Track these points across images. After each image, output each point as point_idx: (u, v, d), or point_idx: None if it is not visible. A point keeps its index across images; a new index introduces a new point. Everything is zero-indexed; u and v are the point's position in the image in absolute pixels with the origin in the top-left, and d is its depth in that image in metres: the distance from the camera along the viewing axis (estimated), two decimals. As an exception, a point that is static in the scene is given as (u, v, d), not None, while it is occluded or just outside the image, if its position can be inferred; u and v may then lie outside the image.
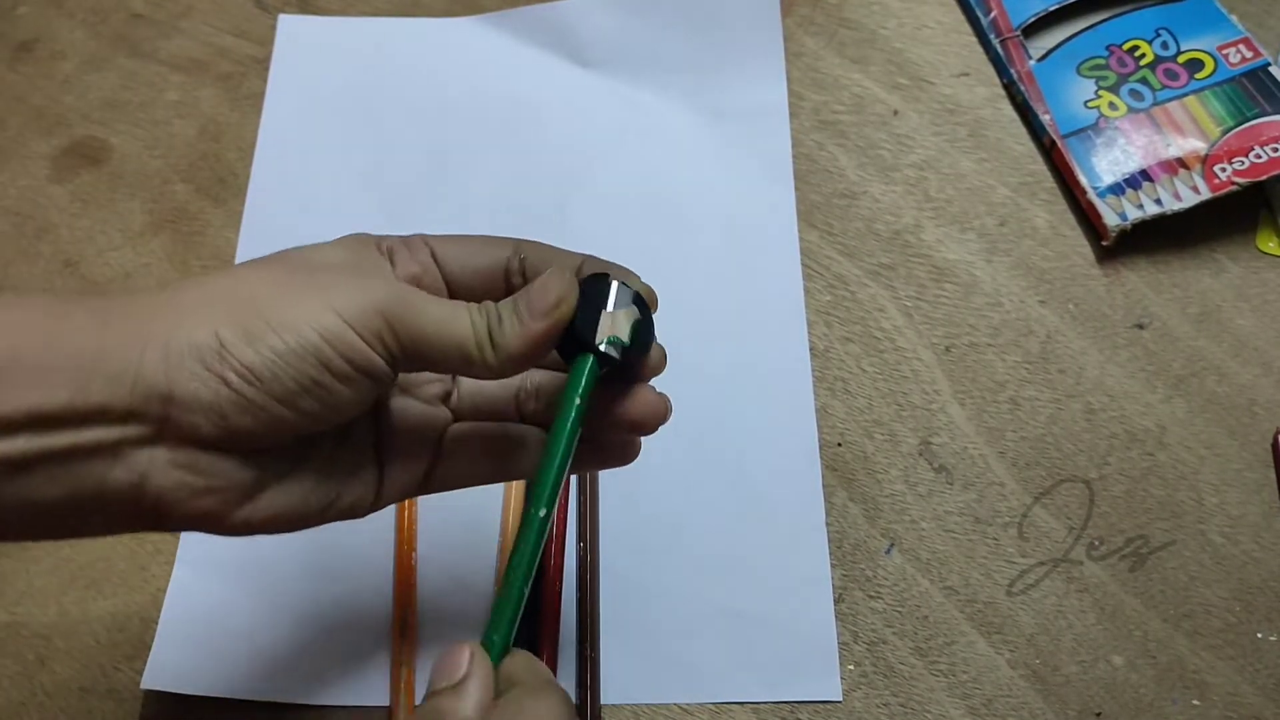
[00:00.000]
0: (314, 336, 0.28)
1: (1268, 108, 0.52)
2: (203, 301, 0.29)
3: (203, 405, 0.28)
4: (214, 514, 0.29)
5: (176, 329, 0.28)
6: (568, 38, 0.58)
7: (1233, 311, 0.51)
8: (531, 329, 0.30)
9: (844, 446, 0.48)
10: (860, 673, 0.44)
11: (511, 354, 0.30)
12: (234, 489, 0.29)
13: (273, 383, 0.28)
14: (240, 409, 0.28)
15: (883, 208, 0.54)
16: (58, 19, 0.60)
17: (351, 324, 0.29)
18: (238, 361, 0.28)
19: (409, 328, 0.29)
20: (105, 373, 0.27)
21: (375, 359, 0.29)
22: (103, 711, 0.43)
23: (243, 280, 0.30)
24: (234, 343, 0.28)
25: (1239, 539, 0.46)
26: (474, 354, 0.30)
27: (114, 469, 0.28)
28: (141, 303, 0.29)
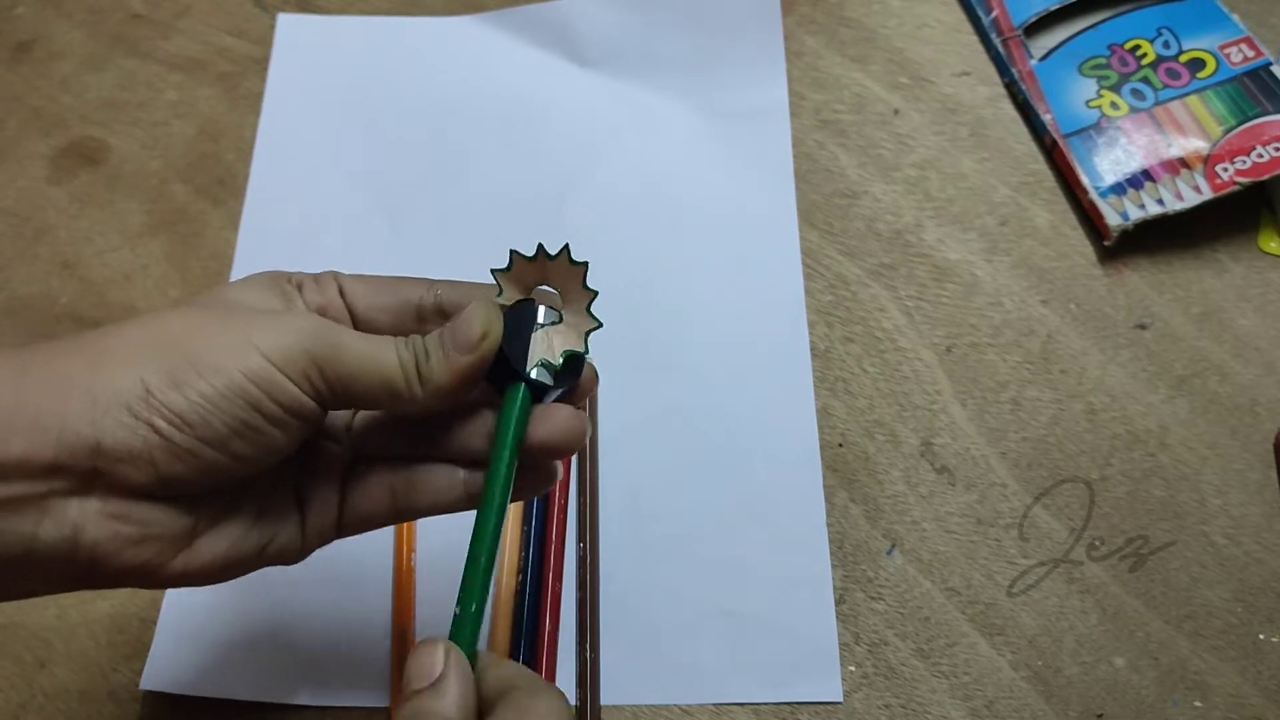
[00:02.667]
0: (240, 379, 0.28)
1: (1269, 107, 0.52)
2: (125, 347, 0.28)
3: (133, 454, 0.27)
4: (150, 565, 0.29)
5: (99, 376, 0.27)
6: (567, 36, 0.58)
7: (1235, 312, 0.50)
8: (459, 362, 0.30)
9: (845, 447, 0.48)
10: (861, 674, 0.44)
11: (440, 387, 0.30)
12: (169, 537, 0.29)
13: (203, 427, 0.28)
14: (171, 456, 0.27)
15: (884, 207, 0.54)
16: (56, 19, 0.60)
17: (277, 365, 0.28)
18: (165, 408, 0.27)
19: (335, 366, 0.29)
20: (26, 426, 0.26)
21: (304, 400, 0.29)
22: (102, 713, 0.43)
23: (164, 323, 0.29)
24: (160, 388, 0.27)
25: (1241, 540, 0.46)
26: (402, 389, 0.30)
27: (42, 524, 0.27)
28: (61, 350, 0.28)
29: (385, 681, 0.43)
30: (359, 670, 0.44)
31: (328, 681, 0.43)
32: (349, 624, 0.45)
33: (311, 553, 0.33)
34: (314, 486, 0.33)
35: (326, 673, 0.44)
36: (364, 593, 0.45)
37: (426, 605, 0.45)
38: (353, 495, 0.33)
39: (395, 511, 0.33)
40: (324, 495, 0.33)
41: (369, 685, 0.43)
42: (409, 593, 0.45)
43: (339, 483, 0.33)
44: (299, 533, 0.32)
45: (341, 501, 0.33)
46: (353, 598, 0.45)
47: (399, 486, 0.33)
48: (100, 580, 0.29)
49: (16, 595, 0.29)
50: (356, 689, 0.43)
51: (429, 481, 0.33)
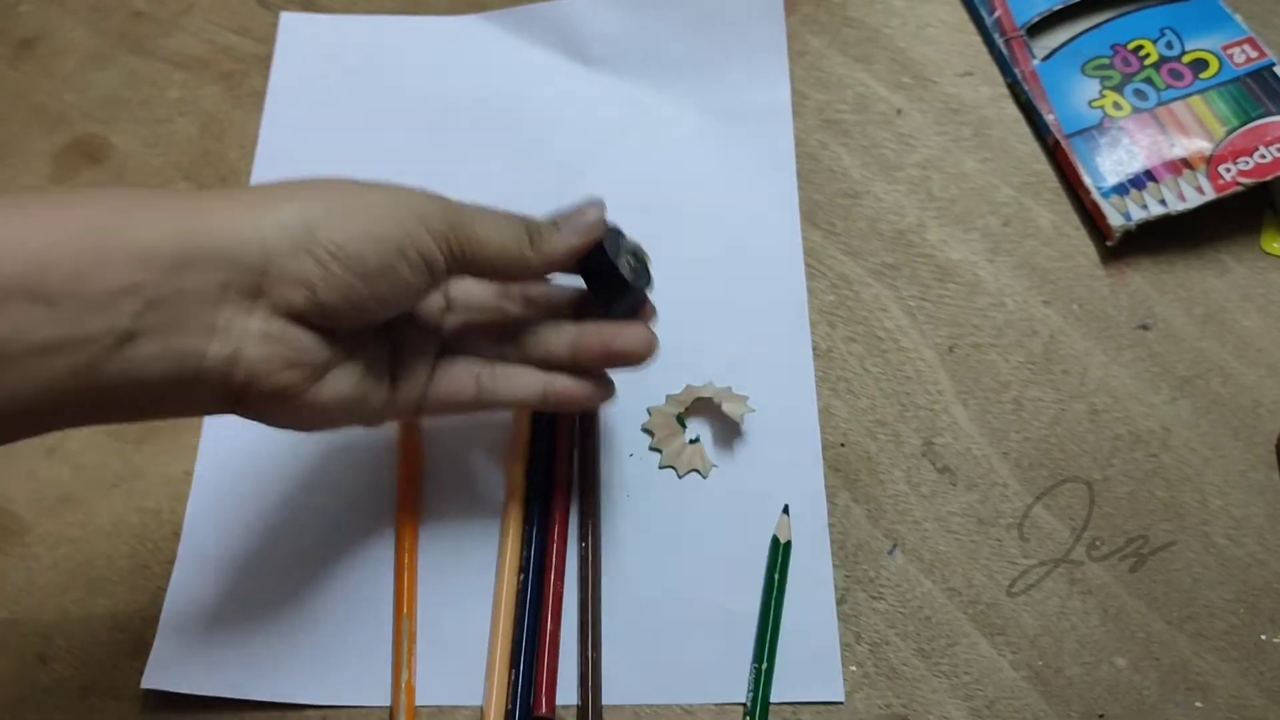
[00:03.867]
0: (392, 226, 0.32)
1: (1272, 108, 0.52)
2: (295, 191, 0.32)
3: (294, 278, 0.31)
4: (293, 389, 0.32)
5: (270, 210, 0.31)
6: (571, 36, 0.58)
7: (1237, 312, 0.50)
8: (571, 241, 0.38)
9: (847, 447, 0.48)
10: (862, 674, 0.44)
11: (554, 256, 0.37)
12: (314, 365, 0.33)
13: (358, 261, 0.32)
14: (327, 284, 0.31)
15: (886, 207, 0.54)
16: (59, 16, 0.60)
17: (425, 222, 0.33)
18: (328, 239, 0.31)
19: (466, 231, 0.35)
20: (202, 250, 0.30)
21: (437, 256, 0.34)
22: (103, 710, 0.43)
23: (327, 180, 0.33)
24: (324, 224, 0.31)
25: (1243, 540, 0.46)
26: (527, 254, 0.37)
27: (212, 345, 0.30)
28: (231, 192, 0.32)
29: (386, 680, 0.43)
30: (360, 669, 0.44)
31: (328, 680, 0.43)
32: (350, 623, 0.45)
33: (389, 420, 0.38)
34: (407, 360, 0.38)
35: (327, 671, 0.44)
36: (366, 592, 0.45)
37: (427, 605, 0.45)
38: (441, 376, 0.39)
39: (478, 398, 0.39)
40: (415, 370, 0.38)
41: (369, 684, 0.43)
42: (410, 591, 0.45)
43: (429, 364, 0.39)
44: (389, 397, 0.37)
45: (428, 381, 0.38)
46: (353, 597, 0.45)
47: (485, 377, 0.39)
48: (246, 402, 0.32)
49: (173, 414, 0.33)
50: (357, 688, 0.43)
51: (513, 376, 0.39)
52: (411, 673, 0.43)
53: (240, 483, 0.47)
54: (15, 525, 0.47)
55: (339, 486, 0.47)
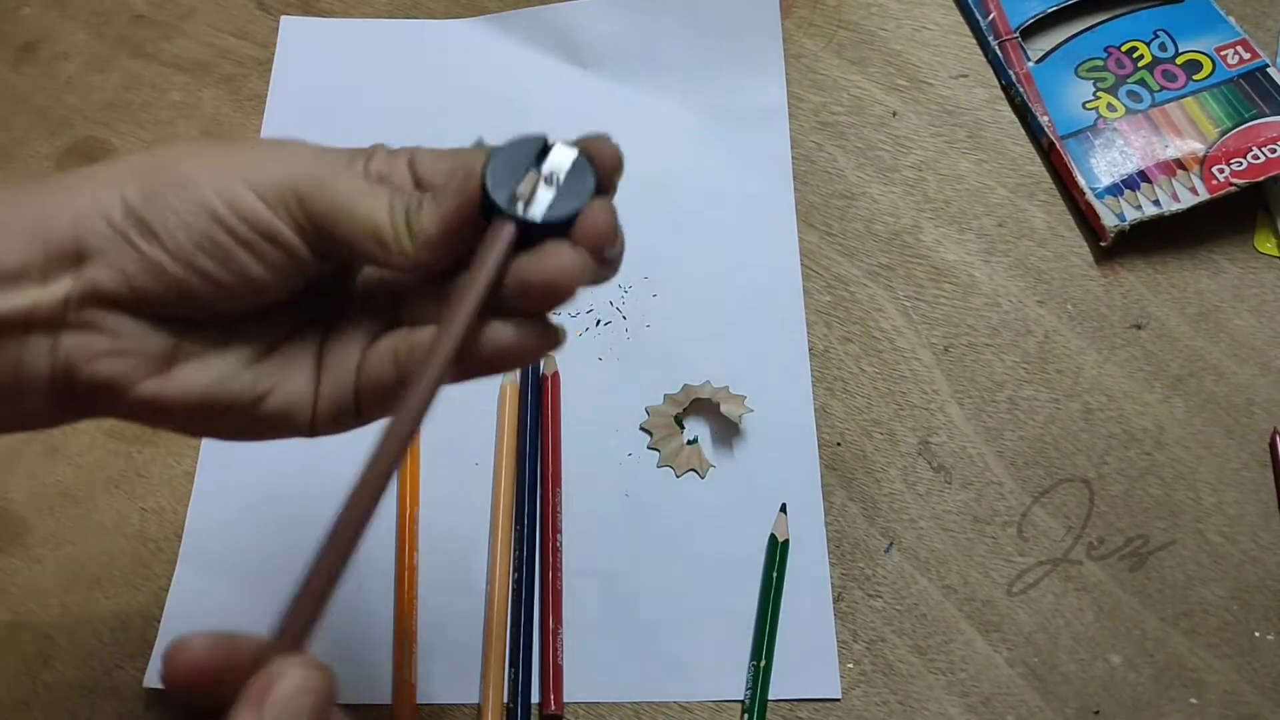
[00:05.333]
0: (211, 197, 0.28)
1: (1265, 109, 0.53)
2: (116, 167, 0.29)
3: (106, 262, 0.28)
4: (120, 380, 0.28)
5: (87, 191, 0.28)
6: (568, 39, 0.58)
7: (1230, 312, 0.51)
8: (443, 207, 0.28)
9: (843, 446, 0.48)
10: (859, 671, 0.44)
11: (428, 239, 0.28)
12: (143, 354, 0.29)
13: (168, 239, 0.28)
14: (141, 267, 0.28)
15: (882, 208, 0.54)
16: (61, 20, 0.61)
17: (256, 189, 0.28)
18: (137, 218, 0.28)
19: (319, 199, 0.28)
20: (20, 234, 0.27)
21: (278, 226, 0.28)
22: (105, 710, 0.44)
23: (164, 150, 0.30)
24: (137, 201, 0.28)
25: (1237, 538, 0.46)
26: (389, 239, 0.28)
27: (30, 341, 0.28)
28: (59, 176, 0.29)
29: (386, 679, 0.44)
30: (359, 669, 0.44)
31: (329, 678, 0.44)
32: (351, 623, 0.45)
33: (328, 429, 0.31)
34: (336, 347, 0.31)
35: (328, 670, 0.44)
36: (364, 592, 0.45)
37: (427, 604, 0.45)
38: (365, 362, 0.31)
39: (401, 379, 0.30)
40: (344, 358, 0.31)
41: (370, 684, 0.44)
42: (410, 592, 0.45)
43: (362, 348, 0.31)
44: (310, 396, 0.31)
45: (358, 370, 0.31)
46: (354, 597, 0.45)
47: (401, 349, 0.30)
48: (77, 401, 0.29)
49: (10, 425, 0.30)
50: (357, 688, 0.43)
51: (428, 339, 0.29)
52: (412, 672, 0.43)
53: (241, 482, 0.47)
54: (17, 525, 0.47)
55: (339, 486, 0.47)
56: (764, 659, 0.43)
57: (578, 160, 0.29)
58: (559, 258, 0.28)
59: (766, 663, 0.43)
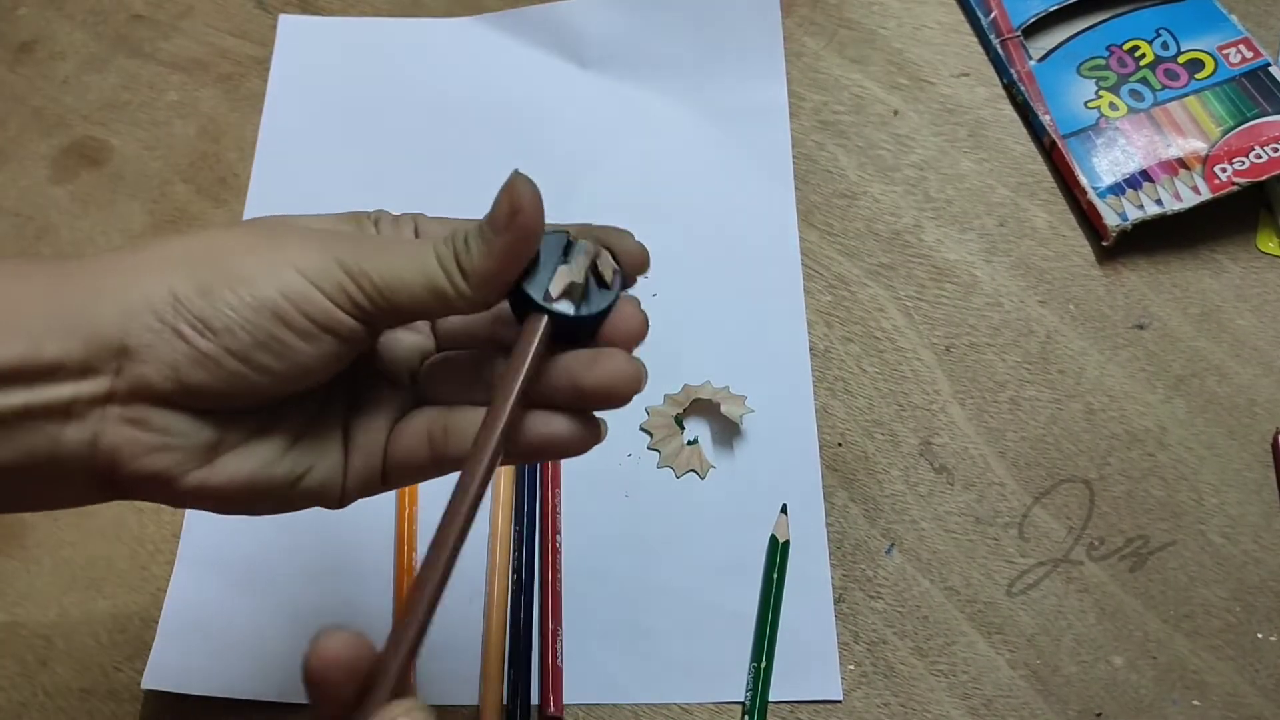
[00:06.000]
0: (271, 291, 0.27)
1: (1268, 108, 0.52)
2: (162, 257, 0.28)
3: (156, 357, 0.27)
4: (166, 475, 0.28)
5: (133, 283, 0.28)
6: (568, 38, 0.58)
7: (1233, 312, 0.51)
8: (495, 243, 0.28)
9: (844, 447, 0.48)
10: (860, 672, 0.44)
11: (482, 276, 0.28)
12: (189, 448, 0.28)
13: (227, 336, 0.27)
14: (194, 363, 0.27)
15: (883, 208, 0.54)
16: (58, 20, 0.60)
17: (311, 279, 0.28)
18: (190, 314, 0.27)
19: (370, 275, 0.28)
20: (60, 327, 0.27)
21: (338, 315, 0.28)
22: (103, 712, 0.43)
23: (206, 237, 0.29)
24: (189, 296, 0.27)
25: (1239, 539, 0.46)
26: (445, 286, 0.28)
27: (68, 429, 0.27)
28: (100, 260, 0.29)
29: (386, 680, 0.43)
30: (359, 669, 0.44)
31: (328, 680, 0.43)
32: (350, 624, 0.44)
33: (354, 499, 0.32)
34: (362, 426, 0.31)
35: (327, 671, 0.44)
36: (364, 592, 0.45)
37: (427, 604, 0.45)
38: (396, 438, 0.31)
39: (434, 459, 0.31)
40: (371, 436, 0.31)
41: (369, 684, 0.43)
42: (409, 592, 0.45)
43: (388, 426, 0.32)
44: (340, 472, 0.31)
45: (385, 445, 0.31)
46: (353, 597, 0.45)
47: (436, 430, 0.31)
48: (119, 488, 0.29)
49: (44, 504, 0.30)
50: (357, 687, 0.43)
51: (467, 424, 0.30)
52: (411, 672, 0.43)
53: (239, 484, 0.47)
54: (15, 527, 0.47)
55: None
56: (764, 660, 0.43)
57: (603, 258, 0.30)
58: (616, 363, 0.29)
59: (767, 664, 0.43)
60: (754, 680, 0.43)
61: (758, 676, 0.43)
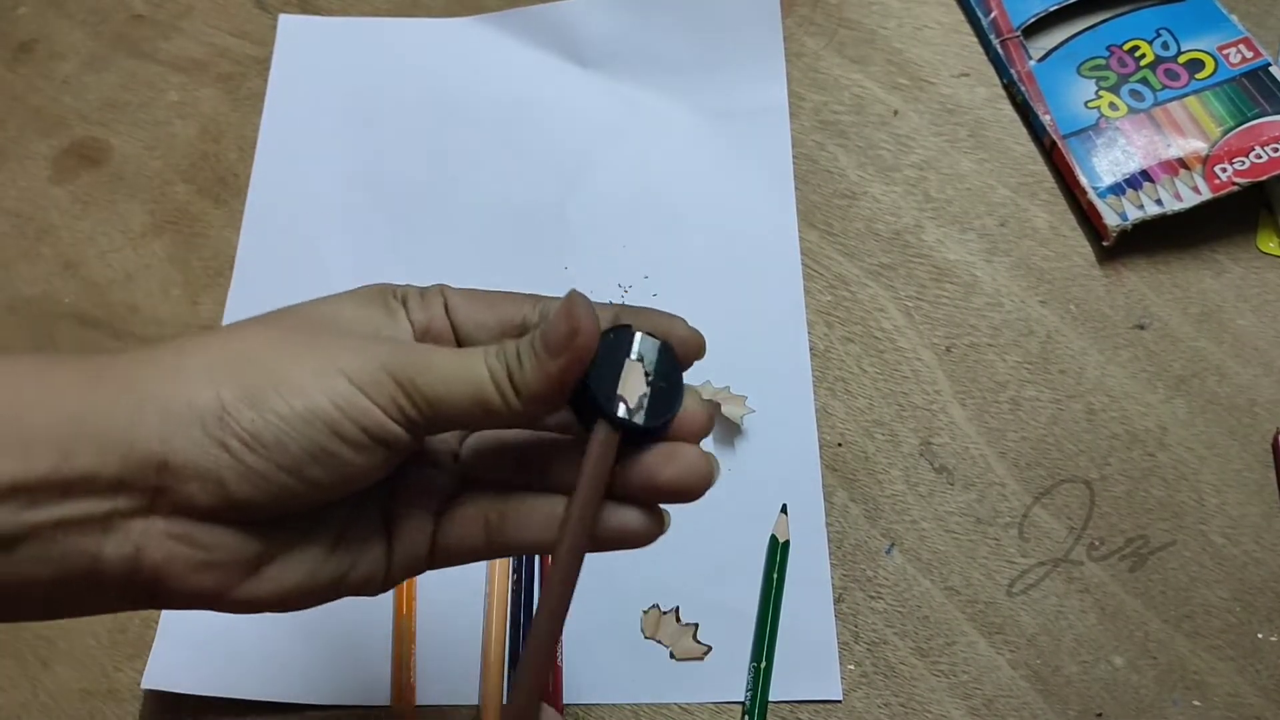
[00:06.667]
0: (323, 401, 0.26)
1: (1268, 108, 0.52)
2: (203, 361, 0.27)
3: (200, 473, 0.26)
4: (214, 591, 0.27)
5: (174, 390, 0.26)
6: (568, 38, 0.58)
7: (1233, 312, 0.51)
8: (548, 366, 0.27)
9: (844, 447, 0.48)
10: (861, 673, 0.44)
11: (534, 395, 0.27)
12: (236, 563, 0.27)
13: (278, 450, 0.26)
14: (241, 478, 0.26)
15: (883, 208, 0.54)
16: (57, 19, 0.60)
17: (363, 389, 0.27)
18: (239, 427, 0.26)
19: (420, 387, 0.27)
20: (93, 438, 0.25)
21: (389, 425, 0.27)
22: (103, 712, 0.43)
23: (245, 337, 0.28)
24: (236, 406, 0.26)
25: (1240, 539, 0.46)
26: (495, 401, 0.27)
27: (107, 543, 0.26)
28: (136, 360, 0.27)
29: (386, 680, 0.43)
30: (359, 669, 0.44)
31: (328, 681, 0.43)
32: (350, 623, 0.45)
33: (397, 584, 0.31)
34: (405, 514, 0.30)
35: (327, 672, 0.44)
36: (365, 592, 0.45)
37: (427, 603, 0.45)
38: (446, 524, 0.31)
39: (490, 545, 0.30)
40: (416, 524, 0.30)
41: (370, 684, 0.43)
42: (410, 591, 0.45)
43: (434, 512, 0.31)
44: (384, 562, 0.30)
45: (433, 534, 0.31)
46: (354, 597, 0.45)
47: (493, 518, 0.30)
48: (165, 601, 0.28)
49: (82, 613, 0.28)
50: (357, 688, 0.43)
51: (525, 512, 0.30)
52: (411, 673, 0.43)
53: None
54: (15, 527, 0.47)
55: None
56: (765, 660, 0.43)
57: (663, 351, 0.30)
58: (690, 461, 0.29)
59: (767, 664, 0.43)
60: (754, 680, 0.43)
61: (758, 676, 0.43)
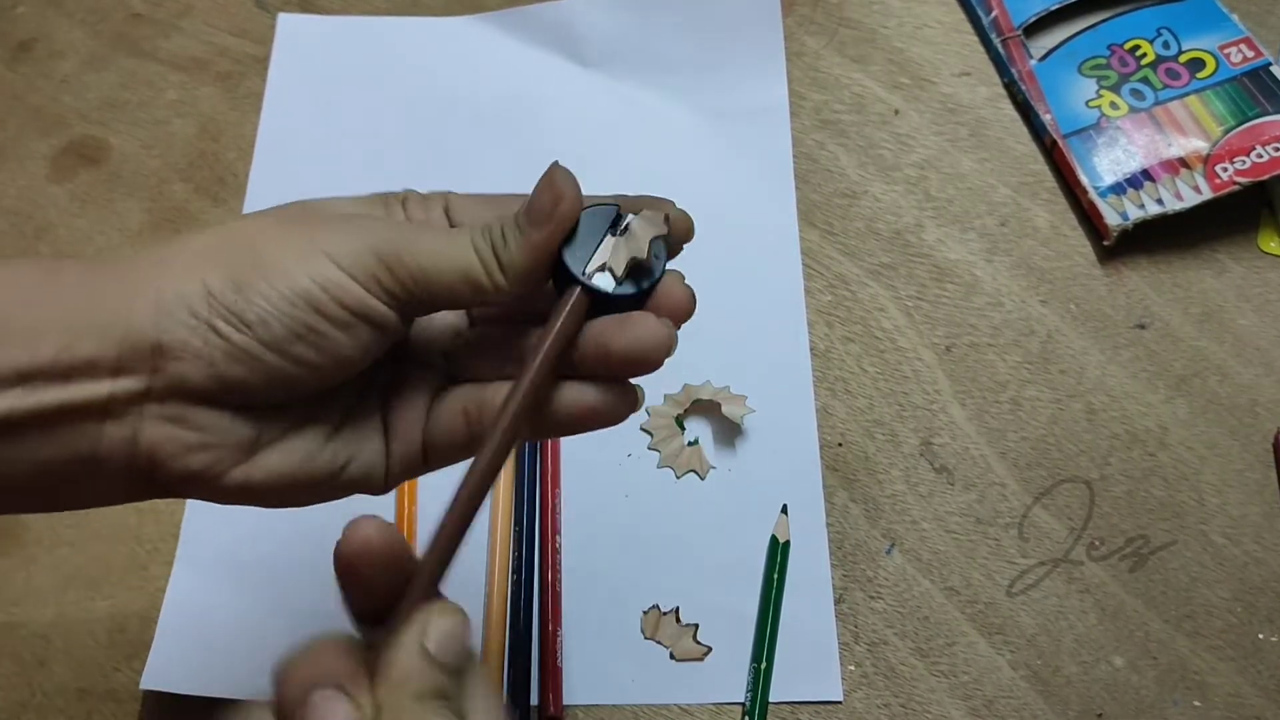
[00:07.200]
0: (304, 280, 0.27)
1: (1269, 107, 0.52)
2: (193, 252, 0.28)
3: (191, 354, 0.27)
4: (208, 472, 0.28)
5: (165, 279, 0.27)
6: (568, 37, 0.58)
7: (1234, 311, 0.51)
8: (533, 238, 0.28)
9: (845, 447, 0.48)
10: (861, 673, 0.44)
11: (520, 270, 0.28)
12: (229, 445, 0.28)
13: (261, 328, 0.27)
14: (230, 357, 0.27)
15: (883, 207, 0.54)
16: (57, 18, 0.60)
17: (345, 267, 0.27)
18: (225, 308, 0.27)
19: (406, 264, 0.28)
20: (93, 326, 0.27)
21: (372, 303, 0.28)
22: (102, 712, 0.43)
23: (237, 230, 0.29)
24: (222, 290, 0.27)
25: (1240, 539, 0.46)
26: (482, 279, 0.28)
27: (106, 428, 0.27)
28: (133, 257, 0.28)
29: (385, 680, 0.43)
30: (359, 669, 0.44)
31: (328, 680, 0.43)
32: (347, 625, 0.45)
33: (398, 483, 0.32)
34: (400, 410, 0.31)
35: (326, 672, 0.44)
36: (364, 592, 0.45)
37: (426, 604, 0.45)
38: (433, 419, 0.31)
39: (474, 436, 0.30)
40: (409, 419, 0.31)
41: (369, 684, 0.43)
42: (409, 592, 0.45)
43: (426, 407, 0.31)
44: (383, 458, 0.31)
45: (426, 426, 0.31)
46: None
47: (471, 407, 0.31)
48: (162, 487, 0.29)
49: (84, 503, 0.29)
50: (356, 688, 0.43)
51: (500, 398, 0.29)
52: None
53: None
54: (12, 526, 0.47)
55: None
56: (765, 661, 0.43)
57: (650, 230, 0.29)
58: (645, 328, 0.29)
59: (767, 665, 0.43)
60: (754, 681, 0.43)
61: (758, 677, 0.43)
